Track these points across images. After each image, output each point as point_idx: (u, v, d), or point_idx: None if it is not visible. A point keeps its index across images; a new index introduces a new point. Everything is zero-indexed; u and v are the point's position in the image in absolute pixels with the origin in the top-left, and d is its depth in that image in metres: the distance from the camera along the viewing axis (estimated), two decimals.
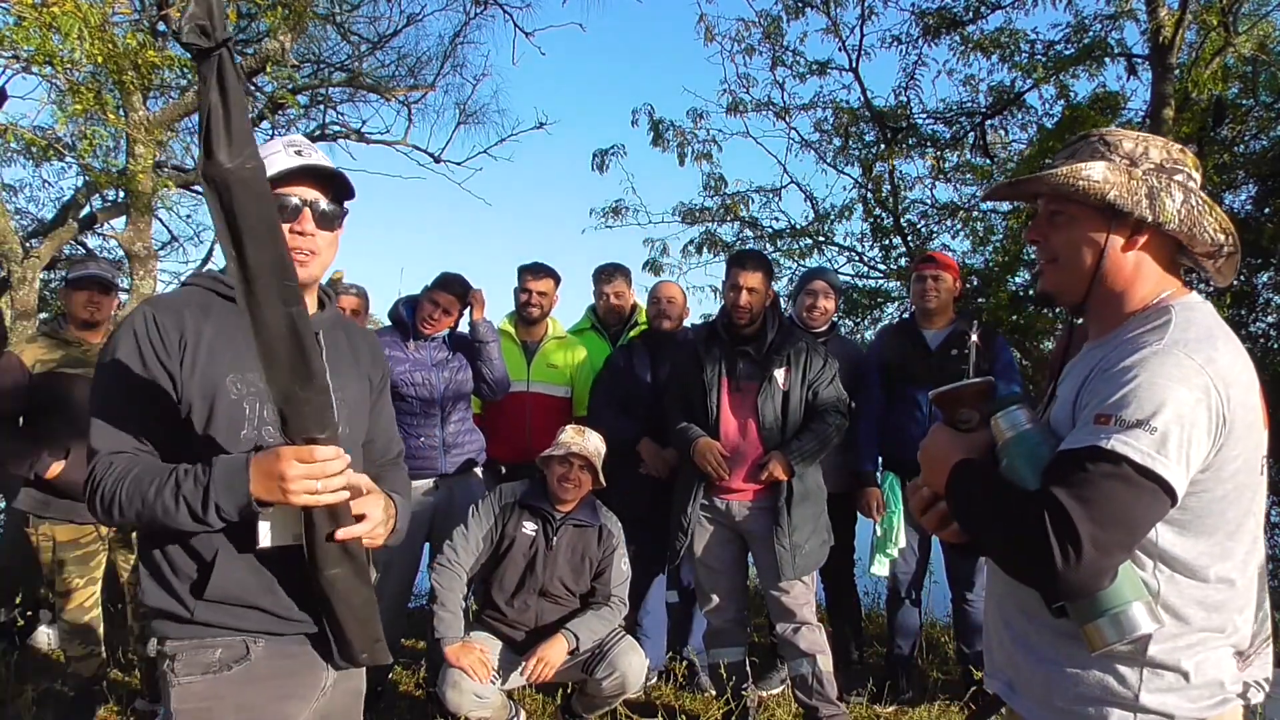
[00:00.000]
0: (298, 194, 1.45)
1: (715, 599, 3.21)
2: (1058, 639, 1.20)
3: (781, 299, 3.64)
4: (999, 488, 1.17)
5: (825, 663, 3.03)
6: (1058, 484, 1.07)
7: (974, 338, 1.47)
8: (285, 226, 1.41)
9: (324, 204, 1.48)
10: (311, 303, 1.56)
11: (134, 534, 3.19)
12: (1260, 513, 1.21)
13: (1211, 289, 5.81)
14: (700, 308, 17.62)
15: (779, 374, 3.07)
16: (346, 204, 1.55)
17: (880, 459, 3.61)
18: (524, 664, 2.90)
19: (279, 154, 1.45)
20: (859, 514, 3.69)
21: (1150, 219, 1.19)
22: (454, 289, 3.35)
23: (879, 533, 3.52)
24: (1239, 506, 1.16)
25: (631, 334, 3.89)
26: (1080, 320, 1.37)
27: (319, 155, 1.50)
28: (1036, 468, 1.15)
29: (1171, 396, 1.07)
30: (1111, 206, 1.20)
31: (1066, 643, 1.19)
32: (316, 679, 1.52)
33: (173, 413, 1.39)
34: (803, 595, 3.06)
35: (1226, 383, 1.11)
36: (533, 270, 3.75)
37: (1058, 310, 1.45)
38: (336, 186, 1.51)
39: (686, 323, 3.87)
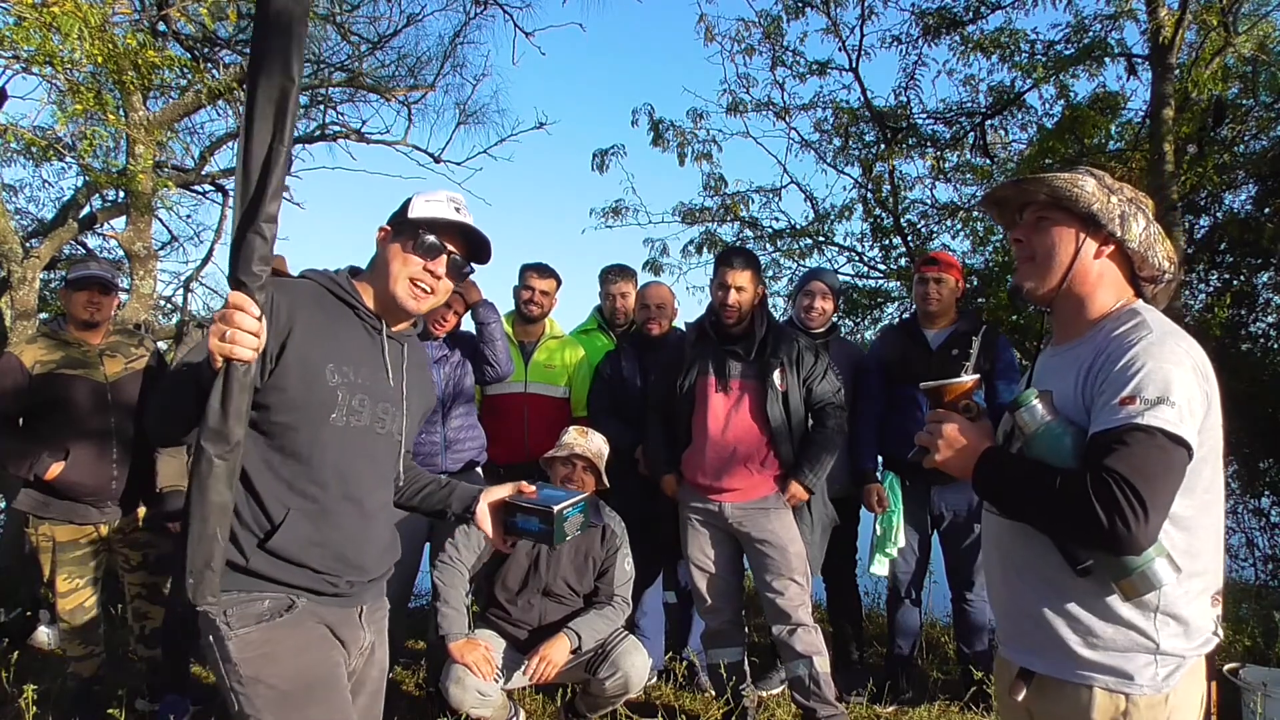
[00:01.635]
0: (445, 241, 1.67)
1: (711, 601, 3.21)
2: (1083, 601, 1.38)
3: (781, 299, 3.67)
4: (1044, 470, 1.34)
5: (822, 664, 3.03)
6: (1110, 459, 1.25)
7: (977, 337, 1.63)
8: (421, 262, 1.65)
9: (458, 258, 1.71)
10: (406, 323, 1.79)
11: (134, 534, 3.19)
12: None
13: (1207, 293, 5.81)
14: (700, 308, 17.61)
15: (775, 376, 3.07)
16: (475, 266, 1.78)
17: (880, 459, 3.61)
18: (527, 663, 2.90)
19: (441, 203, 1.68)
20: (861, 509, 3.69)
21: (1119, 234, 1.44)
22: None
23: (879, 532, 3.52)
24: (1212, 465, 1.37)
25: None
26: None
27: (470, 217, 1.72)
28: (1061, 453, 1.34)
29: (1177, 376, 1.29)
30: (1093, 217, 1.44)
31: (1090, 604, 1.37)
32: (356, 637, 1.69)
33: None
34: (798, 597, 3.06)
35: (1204, 363, 1.36)
36: (538, 269, 3.75)
37: None
38: (475, 248, 1.75)
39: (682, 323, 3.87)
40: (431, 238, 1.65)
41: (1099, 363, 1.37)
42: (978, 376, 1.53)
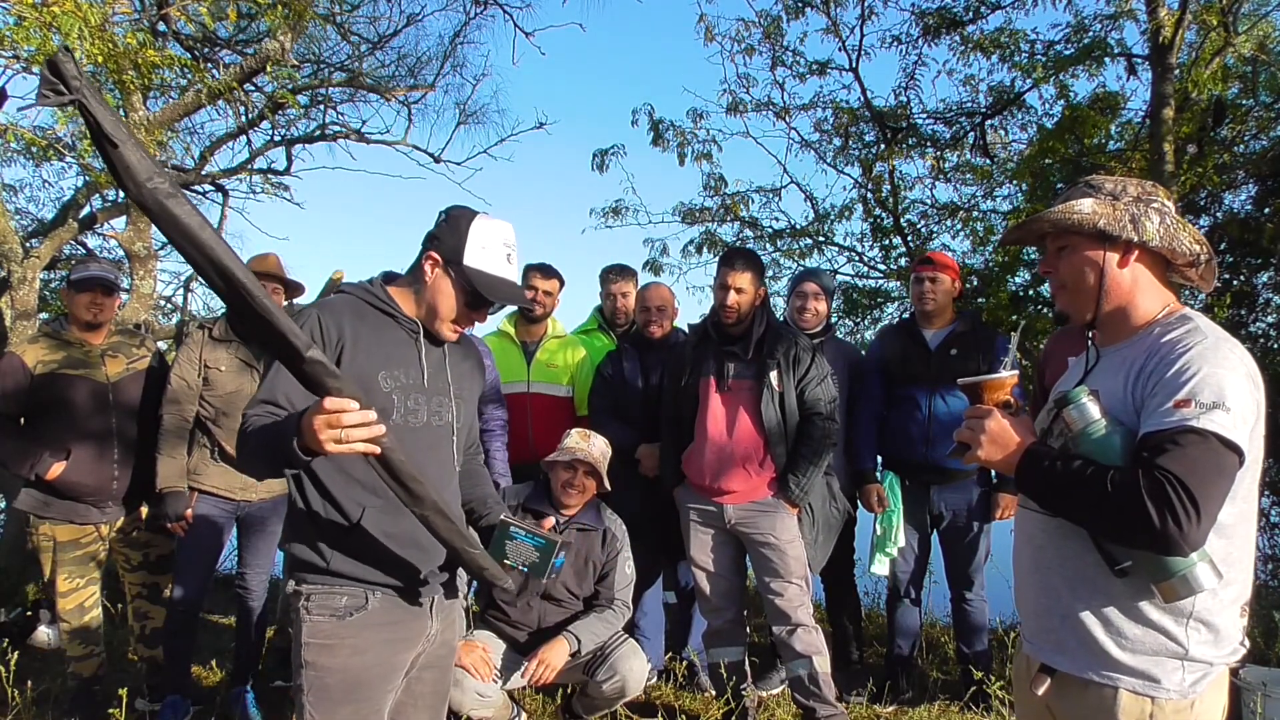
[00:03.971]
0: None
1: (713, 601, 3.21)
2: (1116, 602, 1.38)
3: (781, 300, 3.67)
4: (1093, 467, 1.32)
5: (822, 664, 3.03)
6: (1163, 459, 1.25)
7: (1016, 332, 1.68)
8: (466, 313, 1.77)
9: (499, 305, 1.83)
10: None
11: (135, 534, 3.19)
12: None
13: (1203, 294, 5.80)
14: (700, 308, 17.62)
15: (772, 376, 3.07)
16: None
17: (880, 458, 3.62)
18: (525, 665, 2.90)
19: (495, 250, 1.76)
20: (859, 510, 3.70)
21: (1136, 239, 1.43)
22: None
23: (879, 532, 3.52)
24: (1252, 474, 1.36)
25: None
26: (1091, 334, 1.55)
27: (517, 262, 1.82)
28: (1109, 452, 1.34)
29: (1231, 381, 1.29)
30: (1103, 233, 1.44)
31: (1123, 606, 1.37)
32: (422, 629, 1.82)
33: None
34: (798, 597, 3.07)
35: (1256, 372, 1.35)
36: (541, 269, 3.77)
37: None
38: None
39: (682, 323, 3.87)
40: (480, 295, 1.73)
41: (1150, 364, 1.36)
42: (1016, 372, 1.51)
